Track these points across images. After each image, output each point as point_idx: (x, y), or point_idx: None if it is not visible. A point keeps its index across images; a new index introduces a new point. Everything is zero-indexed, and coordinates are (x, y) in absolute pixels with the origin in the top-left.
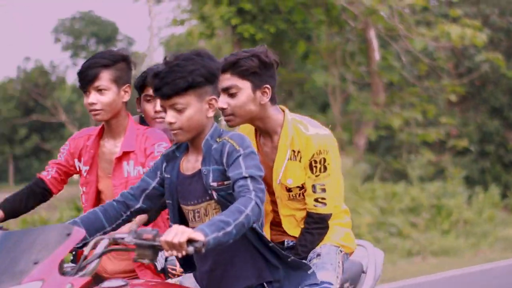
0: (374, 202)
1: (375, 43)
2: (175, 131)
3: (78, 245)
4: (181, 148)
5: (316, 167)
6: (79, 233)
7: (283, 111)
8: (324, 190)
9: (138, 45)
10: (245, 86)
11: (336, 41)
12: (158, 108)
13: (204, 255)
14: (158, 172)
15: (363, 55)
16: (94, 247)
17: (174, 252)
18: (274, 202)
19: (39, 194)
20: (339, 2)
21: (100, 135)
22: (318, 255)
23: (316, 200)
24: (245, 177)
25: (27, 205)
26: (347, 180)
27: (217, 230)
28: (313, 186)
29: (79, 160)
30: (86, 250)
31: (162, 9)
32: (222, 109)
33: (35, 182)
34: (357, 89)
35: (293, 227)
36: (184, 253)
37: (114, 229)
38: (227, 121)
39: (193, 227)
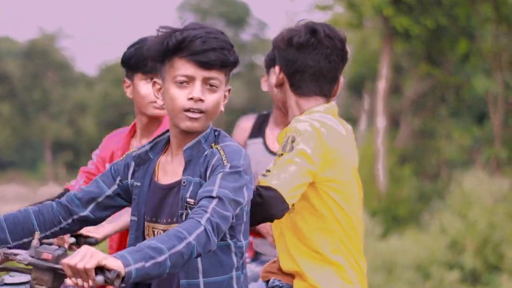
0: None
1: None
2: (195, 115)
3: None
4: (157, 147)
5: (282, 146)
6: None
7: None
8: (275, 163)
9: (271, 30)
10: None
11: (504, 42)
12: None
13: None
14: (118, 178)
15: None
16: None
17: (79, 281)
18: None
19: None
20: None
21: (132, 134)
22: None
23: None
24: (211, 197)
25: None
26: (502, 206)
27: (144, 259)
28: (269, 168)
29: None
30: None
31: None
32: None
33: (62, 193)
34: None
35: (283, 255)
36: (90, 283)
37: (47, 237)
38: None
39: None
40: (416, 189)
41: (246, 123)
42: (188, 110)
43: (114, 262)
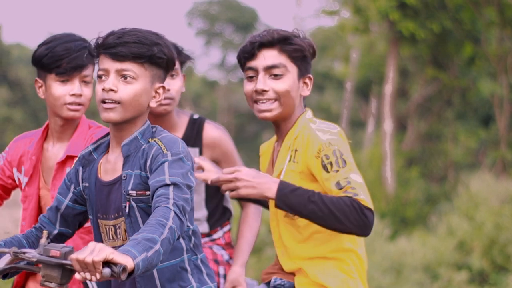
0: None
1: None
2: (109, 105)
3: None
4: (101, 148)
5: (331, 163)
6: None
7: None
8: (350, 182)
9: None
10: (293, 70)
11: (508, 45)
12: (167, 86)
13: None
14: (72, 186)
15: None
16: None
17: (87, 275)
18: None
19: None
20: None
21: (44, 137)
22: None
23: (345, 191)
24: (166, 185)
25: None
26: (509, 207)
27: (145, 249)
28: (337, 184)
29: (19, 170)
30: None
31: None
32: (259, 92)
33: None
34: None
35: (283, 258)
36: (98, 276)
37: None
38: (264, 110)
39: (113, 247)
40: (424, 191)
41: None
42: (103, 101)
43: (121, 257)
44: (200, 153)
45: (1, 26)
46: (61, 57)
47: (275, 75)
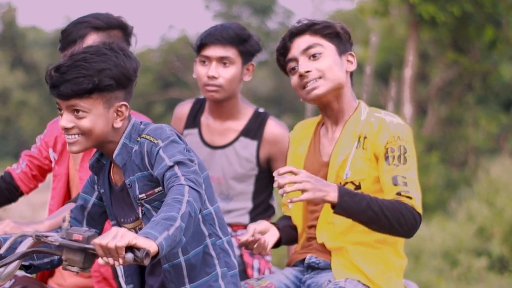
0: None
1: None
2: (72, 139)
3: None
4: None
5: (393, 156)
6: None
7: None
8: (406, 184)
9: (297, 19)
10: (329, 48)
11: None
12: (212, 73)
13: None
14: (95, 186)
15: None
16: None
17: (110, 260)
18: (313, 212)
19: (5, 190)
20: None
21: None
22: None
23: (399, 194)
24: (170, 167)
25: None
26: None
27: (165, 228)
28: (394, 178)
29: (54, 150)
30: (2, 249)
31: None
32: (304, 75)
33: (2, 176)
34: None
35: (328, 238)
36: (120, 261)
37: None
38: (310, 90)
39: None
40: (444, 177)
41: (182, 111)
42: (66, 135)
43: (144, 241)
44: (258, 147)
45: (17, 9)
46: (62, 34)
47: (313, 56)
